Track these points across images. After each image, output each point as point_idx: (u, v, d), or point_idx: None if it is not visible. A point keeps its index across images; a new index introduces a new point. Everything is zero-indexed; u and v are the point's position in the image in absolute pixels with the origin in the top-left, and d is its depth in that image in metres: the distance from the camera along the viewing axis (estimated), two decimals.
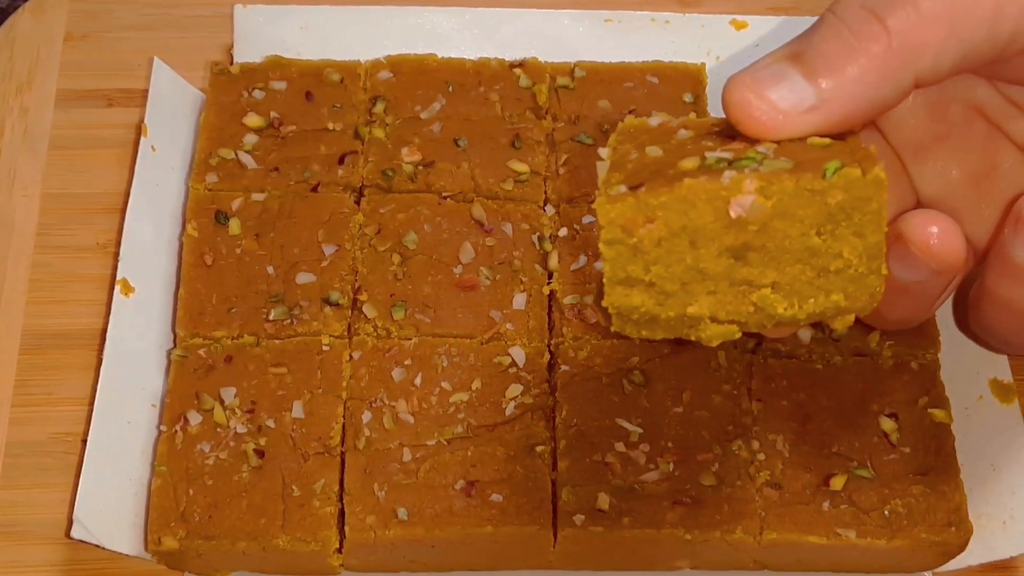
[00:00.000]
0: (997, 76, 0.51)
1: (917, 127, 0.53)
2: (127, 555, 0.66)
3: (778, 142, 0.46)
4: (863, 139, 0.48)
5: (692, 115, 0.50)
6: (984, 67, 0.49)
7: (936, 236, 0.48)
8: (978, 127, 0.53)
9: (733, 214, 0.44)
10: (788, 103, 0.46)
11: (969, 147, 0.53)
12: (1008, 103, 0.52)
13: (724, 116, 0.48)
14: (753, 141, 0.47)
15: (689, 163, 0.45)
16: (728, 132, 0.48)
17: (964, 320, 0.53)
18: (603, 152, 0.48)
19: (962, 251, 0.49)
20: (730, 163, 0.45)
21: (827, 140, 0.46)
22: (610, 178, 0.46)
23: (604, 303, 0.47)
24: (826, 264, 0.45)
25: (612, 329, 0.48)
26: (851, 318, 0.47)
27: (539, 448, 0.68)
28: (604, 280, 0.46)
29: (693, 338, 0.47)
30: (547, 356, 0.71)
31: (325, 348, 0.70)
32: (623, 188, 0.45)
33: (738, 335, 0.47)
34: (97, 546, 0.65)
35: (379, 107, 0.79)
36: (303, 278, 0.72)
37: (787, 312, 0.46)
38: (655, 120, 0.50)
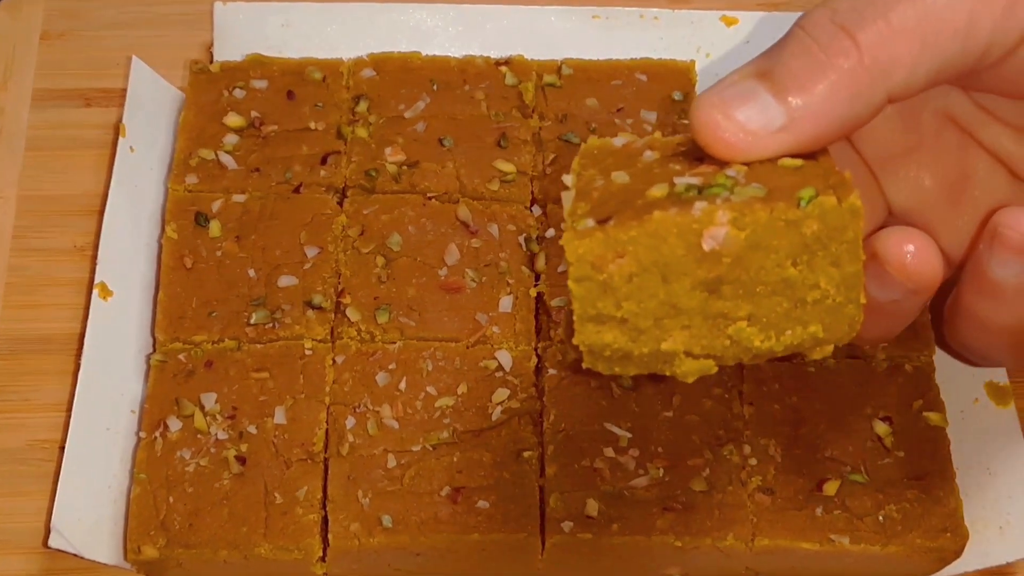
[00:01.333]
0: (970, 87, 0.50)
1: (888, 137, 0.52)
2: (106, 564, 0.65)
3: (748, 164, 0.45)
4: (833, 151, 0.47)
5: (657, 134, 0.48)
6: (957, 79, 0.48)
7: (912, 255, 0.47)
8: (950, 135, 0.52)
9: (706, 247, 0.43)
10: (757, 123, 0.44)
11: (941, 156, 0.52)
12: (979, 110, 0.51)
13: (689, 134, 0.46)
14: (722, 163, 0.45)
15: (658, 191, 0.44)
16: (695, 152, 0.46)
17: (940, 333, 0.52)
18: (567, 179, 0.46)
19: (939, 269, 0.48)
20: (700, 190, 0.43)
21: (799, 161, 0.45)
22: (576, 208, 0.45)
23: (575, 341, 0.45)
24: (802, 295, 0.44)
25: (583, 366, 0.47)
26: (829, 348, 0.46)
27: (526, 453, 0.67)
28: (574, 317, 0.45)
29: (668, 373, 0.46)
30: (534, 360, 0.70)
31: (308, 352, 0.69)
32: (591, 222, 0.44)
33: (714, 370, 0.46)
34: (75, 555, 0.64)
35: (362, 106, 0.78)
36: (285, 281, 0.71)
37: (764, 345, 0.45)
38: (619, 140, 0.49)
